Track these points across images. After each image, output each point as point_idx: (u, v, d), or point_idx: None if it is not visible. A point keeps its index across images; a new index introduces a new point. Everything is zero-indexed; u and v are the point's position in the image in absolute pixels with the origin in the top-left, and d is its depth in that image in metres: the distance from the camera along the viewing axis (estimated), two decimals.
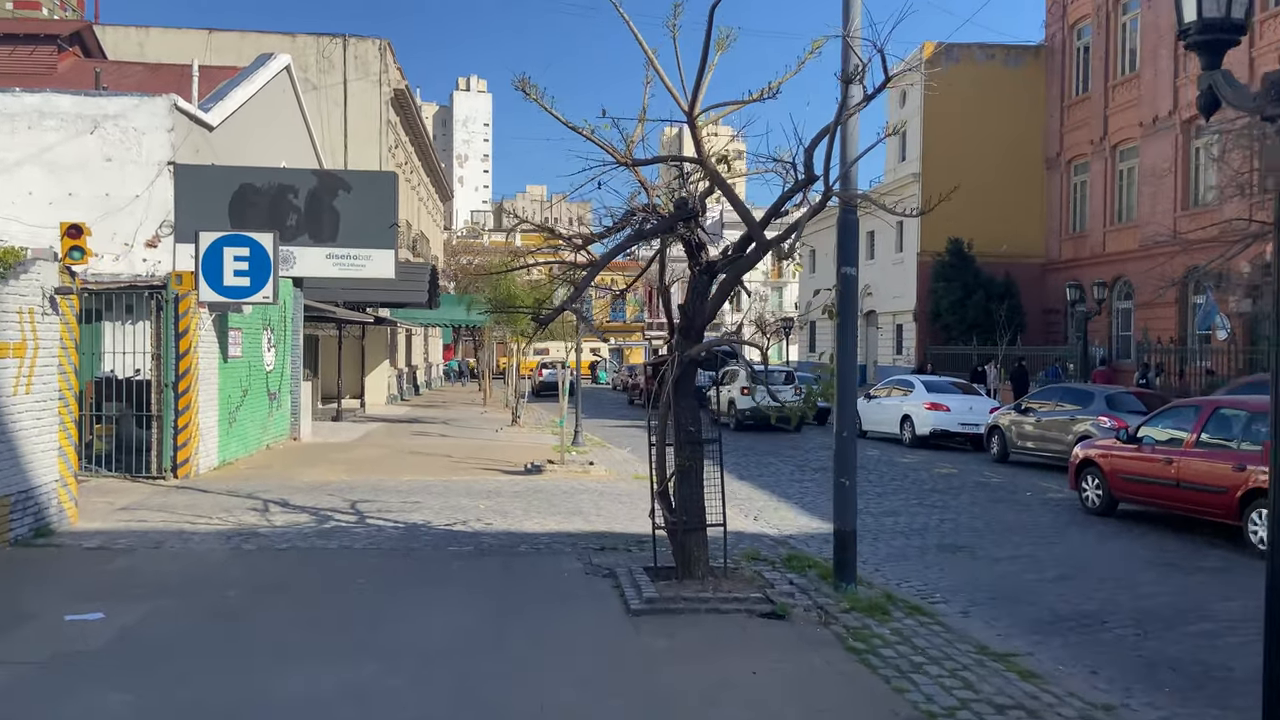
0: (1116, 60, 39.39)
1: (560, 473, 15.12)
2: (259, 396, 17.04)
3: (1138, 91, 37.30)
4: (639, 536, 9.81)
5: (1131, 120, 37.56)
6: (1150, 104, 36.41)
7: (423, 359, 46.21)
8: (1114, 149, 39.16)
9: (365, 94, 32.87)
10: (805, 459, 19.24)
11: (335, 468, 15.20)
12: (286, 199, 19.07)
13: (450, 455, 17.52)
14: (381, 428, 23.52)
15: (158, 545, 8.86)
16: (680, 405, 7.55)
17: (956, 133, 42.95)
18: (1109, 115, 39.27)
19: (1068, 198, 42.84)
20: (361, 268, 19.17)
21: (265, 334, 17.48)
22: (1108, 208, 39.50)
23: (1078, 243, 41.71)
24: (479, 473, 15.11)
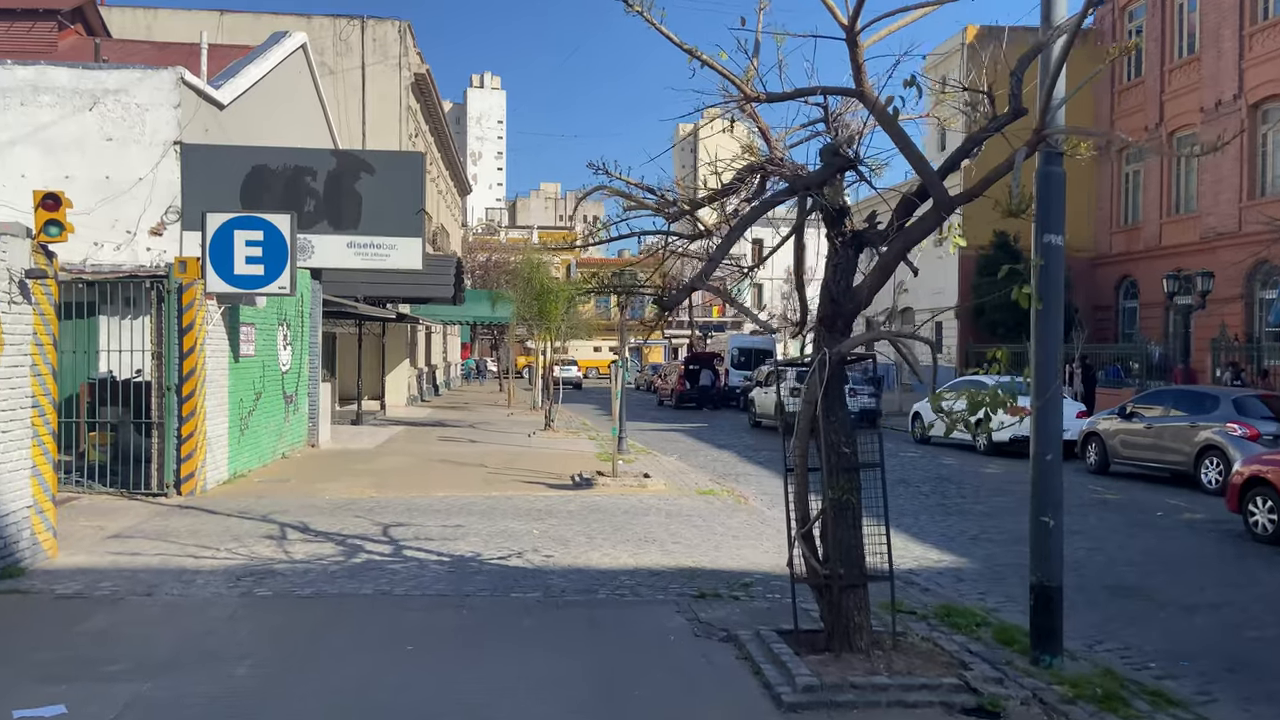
0: (1173, 43, 37.33)
1: (614, 487, 13.35)
2: (274, 400, 15.32)
3: (1198, 75, 35.25)
4: (737, 576, 8.01)
5: (1190, 105, 35.51)
6: (1212, 87, 34.35)
7: (442, 358, 44.55)
8: (1170, 136, 37.13)
9: (384, 78, 31.18)
10: None
11: (360, 481, 13.46)
12: (304, 182, 17.39)
13: (484, 465, 15.76)
14: (404, 432, 21.80)
15: (150, 591, 7.11)
16: (831, 420, 5.77)
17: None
18: (1165, 101, 37.21)
19: (1119, 188, 40.80)
20: (385, 258, 17.47)
21: (280, 330, 15.76)
22: (1164, 198, 37.48)
23: (1130, 236, 39.68)
24: (522, 487, 13.34)
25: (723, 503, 12.50)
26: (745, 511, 11.90)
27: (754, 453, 19.77)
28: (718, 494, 13.23)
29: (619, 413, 13.99)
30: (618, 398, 14.06)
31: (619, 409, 14.01)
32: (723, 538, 9.93)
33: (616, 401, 14.02)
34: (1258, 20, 32.15)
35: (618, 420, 14.01)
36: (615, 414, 13.90)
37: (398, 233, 17.45)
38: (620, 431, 18.09)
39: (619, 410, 14.00)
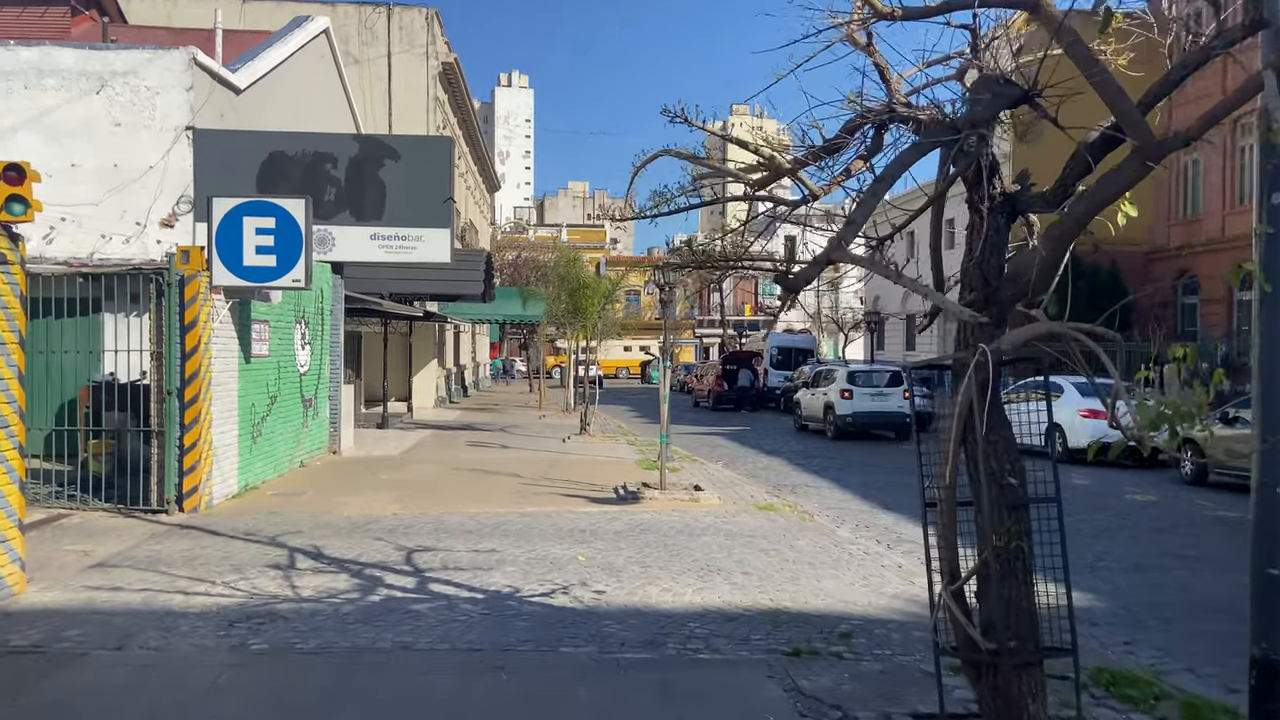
0: None
1: (662, 501, 12.01)
2: (291, 404, 14.13)
3: None
4: (830, 621, 6.65)
5: None
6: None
7: (470, 358, 43.43)
8: (1235, 123, 35.21)
9: (411, 68, 30.04)
10: None
11: (383, 495, 12.21)
12: (323, 169, 16.20)
13: (518, 474, 14.48)
14: (432, 437, 20.59)
15: (122, 643, 5.86)
16: (992, 441, 4.40)
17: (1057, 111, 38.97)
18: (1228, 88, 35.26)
19: (1178, 178, 38.90)
20: (412, 250, 16.24)
21: (298, 329, 14.57)
22: (1227, 188, 35.58)
23: (1190, 228, 37.77)
24: (561, 500, 12.04)
25: (786, 520, 11.13)
26: (813, 531, 10.52)
27: (806, 460, 18.36)
28: (778, 509, 11.86)
29: (665, 418, 12.66)
30: (665, 401, 12.72)
31: (665, 414, 12.68)
32: (797, 566, 8.56)
33: (664, 406, 12.69)
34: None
35: (664, 426, 12.68)
36: (662, 419, 12.58)
37: (424, 223, 16.25)
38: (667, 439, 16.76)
39: (665, 415, 12.67)
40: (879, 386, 22.17)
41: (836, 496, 13.77)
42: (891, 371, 23.10)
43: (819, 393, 23.36)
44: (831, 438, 22.33)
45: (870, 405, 21.96)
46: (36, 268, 11.56)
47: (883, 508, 12.74)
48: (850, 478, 15.70)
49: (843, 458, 18.79)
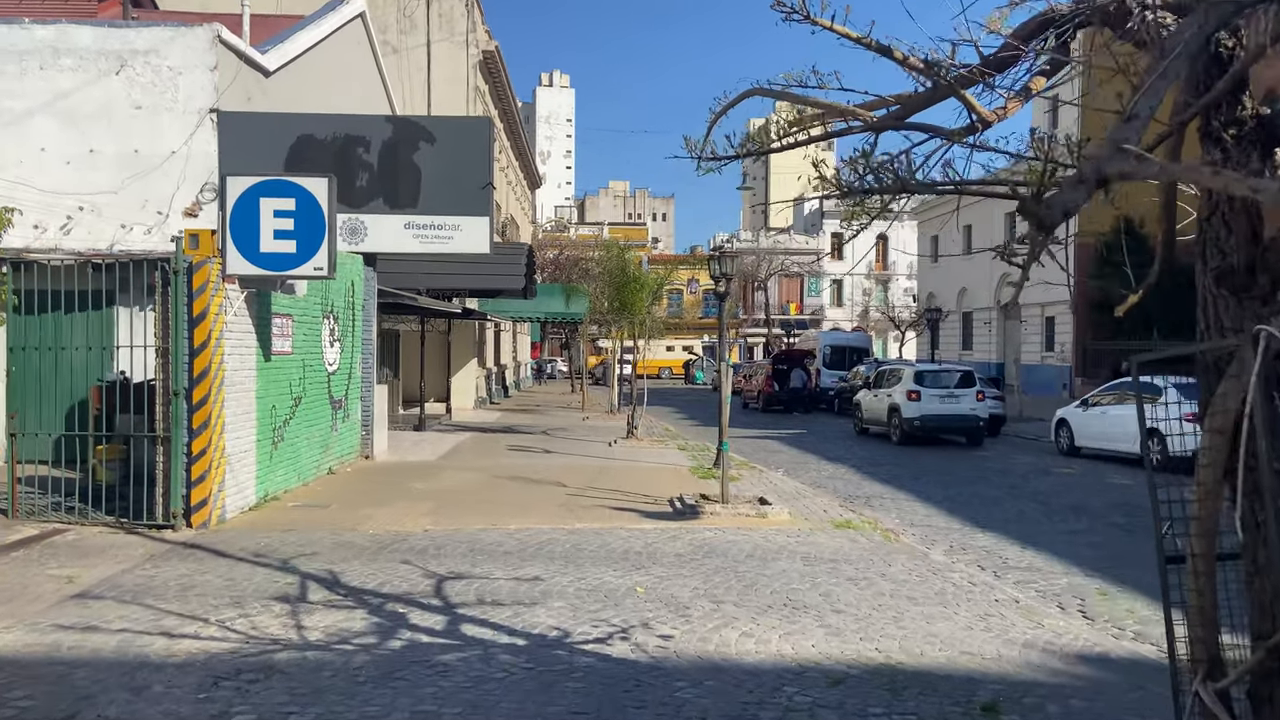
0: None
1: (725, 516, 10.68)
2: (318, 406, 13.00)
3: None
4: (961, 683, 5.27)
5: None
6: None
7: (511, 357, 42.39)
8: None
9: (450, 57, 28.99)
10: (1024, 486, 14.38)
11: (415, 506, 11.01)
12: (354, 153, 15.11)
13: (563, 482, 13.23)
14: (471, 440, 19.43)
15: (76, 710, 4.66)
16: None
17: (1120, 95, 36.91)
18: None
19: None
20: (449, 240, 15.09)
21: (326, 324, 13.45)
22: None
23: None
24: (611, 515, 10.75)
25: (869, 540, 9.74)
26: (903, 554, 9.12)
27: (874, 467, 16.89)
28: (857, 527, 10.47)
29: (725, 424, 11.30)
30: (726, 404, 11.36)
31: (726, 419, 11.32)
32: (897, 600, 7.19)
33: (724, 410, 11.33)
34: None
35: (724, 433, 11.31)
36: (722, 425, 11.23)
37: (462, 211, 15.09)
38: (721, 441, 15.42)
39: (726, 421, 11.31)
40: (949, 388, 20.62)
41: (918, 511, 12.33)
42: (962, 372, 21.52)
43: (882, 394, 21.85)
44: (897, 442, 20.82)
45: (939, 408, 20.41)
46: (35, 257, 10.53)
47: (974, 525, 11.28)
48: (928, 489, 14.24)
49: (914, 465, 17.30)
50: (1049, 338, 41.16)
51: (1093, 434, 17.88)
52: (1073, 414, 18.58)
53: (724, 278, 15.02)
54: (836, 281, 79.78)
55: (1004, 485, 14.72)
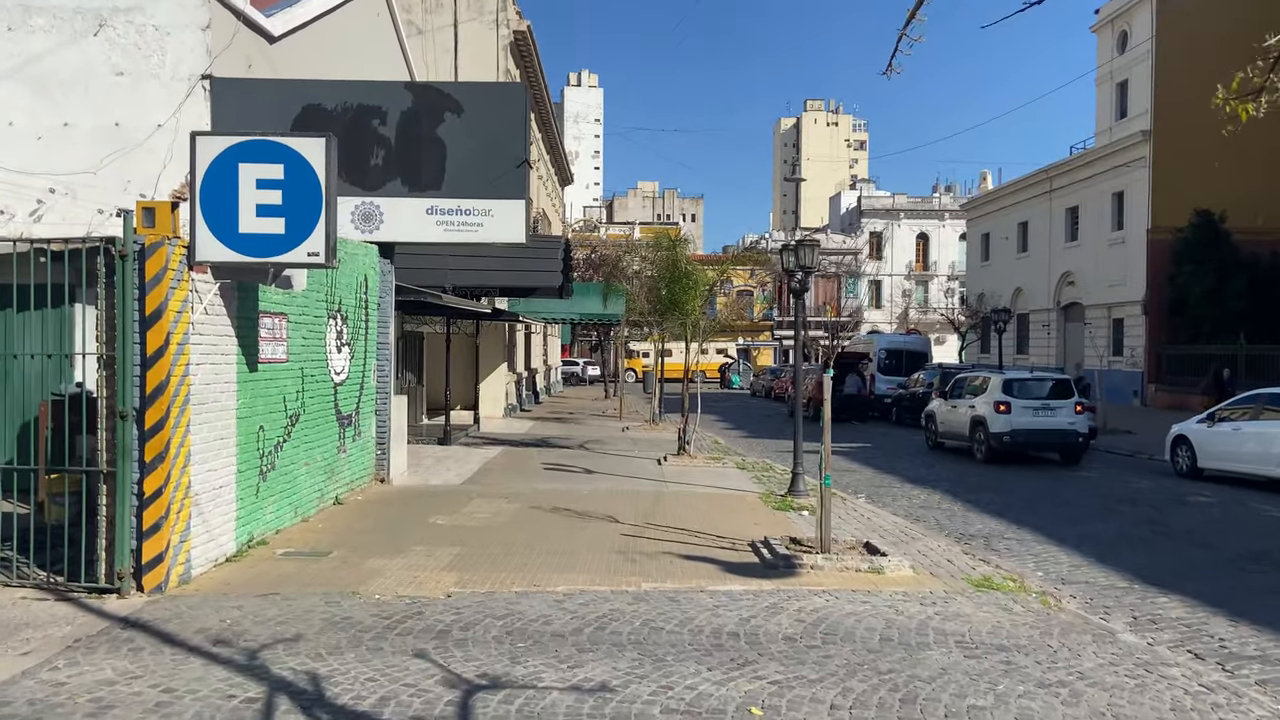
0: None
1: (829, 571, 8.36)
2: (320, 424, 10.81)
3: None
4: None
5: None
6: None
7: (542, 361, 40.23)
8: None
9: (479, 38, 26.86)
10: (1166, 520, 11.89)
11: (435, 555, 8.76)
12: (369, 126, 13.00)
13: (615, 515, 10.97)
14: (501, 456, 17.21)
15: None
16: None
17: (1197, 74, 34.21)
18: None
19: None
20: (478, 228, 12.96)
21: (332, 326, 11.26)
22: None
23: None
24: (683, 567, 8.46)
25: (1026, 609, 7.40)
26: (1083, 633, 6.78)
27: (969, 493, 14.47)
28: (1002, 587, 8.12)
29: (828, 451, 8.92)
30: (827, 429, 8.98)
31: (828, 447, 8.94)
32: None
33: (826, 435, 8.96)
34: None
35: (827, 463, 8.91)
36: (825, 454, 8.87)
37: (494, 194, 12.93)
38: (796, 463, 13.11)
39: (828, 448, 8.93)
40: (1043, 398, 18.13)
41: (1058, 558, 9.93)
42: (1056, 380, 19.00)
43: (962, 405, 19.38)
44: (982, 460, 18.35)
45: (1033, 421, 17.93)
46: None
47: (1141, 579, 8.86)
48: (1052, 524, 11.82)
49: (1017, 490, 14.86)
50: (1116, 341, 38.35)
51: (1223, 454, 15.34)
52: (1195, 430, 16.05)
53: (802, 270, 12.70)
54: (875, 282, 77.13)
55: (1140, 519, 12.25)
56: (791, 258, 12.90)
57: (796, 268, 12.85)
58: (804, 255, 12.57)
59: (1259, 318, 31.41)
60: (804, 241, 12.66)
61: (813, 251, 12.61)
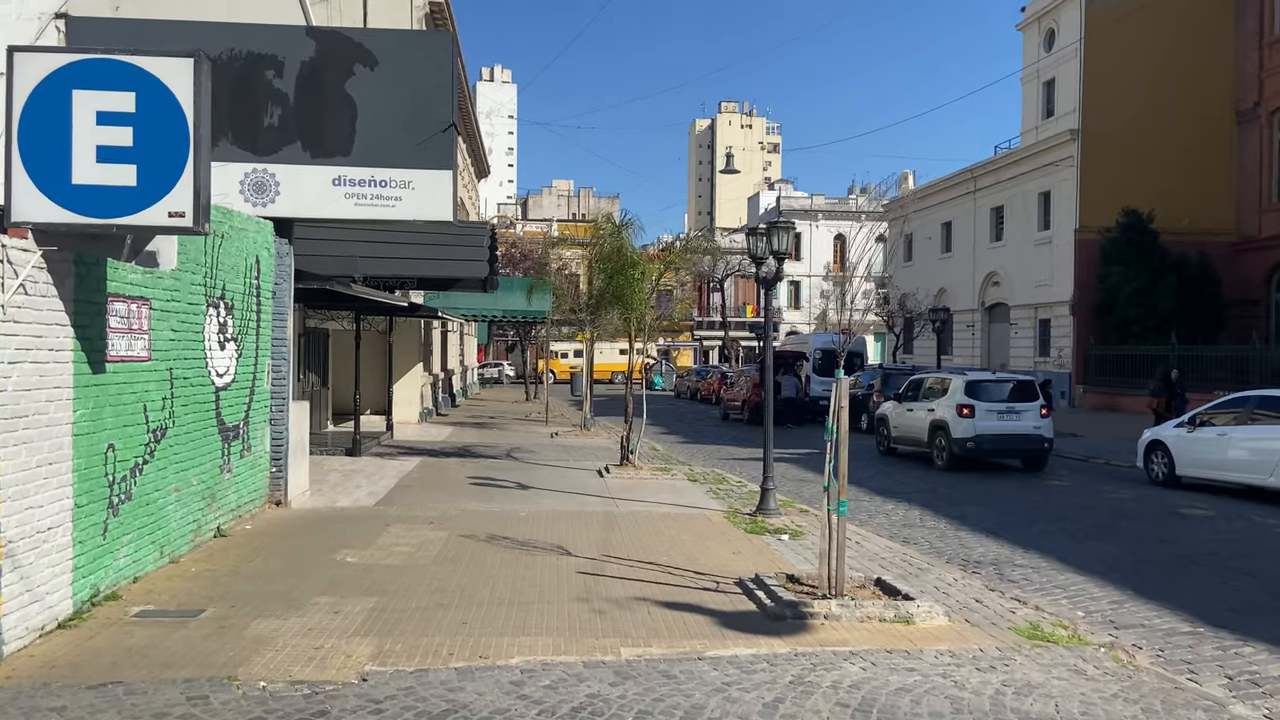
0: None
1: (848, 621, 6.71)
2: (197, 439, 8.68)
3: None
4: None
5: None
6: None
7: (459, 362, 37.94)
8: None
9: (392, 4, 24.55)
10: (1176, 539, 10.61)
11: (345, 611, 6.79)
12: (261, 79, 10.93)
13: (566, 546, 9.13)
14: (421, 468, 15.17)
15: None
16: None
17: (1123, 78, 34.08)
18: None
19: (1269, 157, 33.93)
20: (395, 203, 11.03)
21: (213, 315, 9.13)
22: None
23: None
24: (663, 619, 6.69)
25: (1101, 671, 5.90)
26: (1195, 710, 5.26)
27: (952, 507, 13.05)
28: (1055, 638, 6.60)
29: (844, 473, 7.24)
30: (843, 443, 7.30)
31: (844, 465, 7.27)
32: None
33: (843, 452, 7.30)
34: None
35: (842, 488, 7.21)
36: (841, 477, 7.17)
37: (414, 162, 11.01)
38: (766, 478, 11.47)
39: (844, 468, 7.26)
40: (1007, 401, 16.93)
41: (1087, 589, 8.47)
42: (1018, 381, 17.85)
43: (920, 408, 18.08)
44: (943, 467, 17.06)
45: (998, 426, 16.71)
46: None
47: (1201, 619, 7.44)
48: (1062, 545, 10.43)
49: (994, 502, 13.52)
50: (1043, 342, 38.04)
51: (1206, 461, 14.30)
52: (1173, 435, 15.00)
53: (775, 257, 11.06)
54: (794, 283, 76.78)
55: (1147, 537, 10.96)
56: (762, 243, 11.24)
57: (768, 254, 11.20)
58: (777, 239, 10.92)
59: (1188, 318, 31.25)
60: (778, 224, 11.01)
61: (787, 235, 10.97)
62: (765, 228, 11.25)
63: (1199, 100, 34.43)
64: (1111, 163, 34.12)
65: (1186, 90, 34.30)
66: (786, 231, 10.95)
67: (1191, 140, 34.38)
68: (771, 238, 10.97)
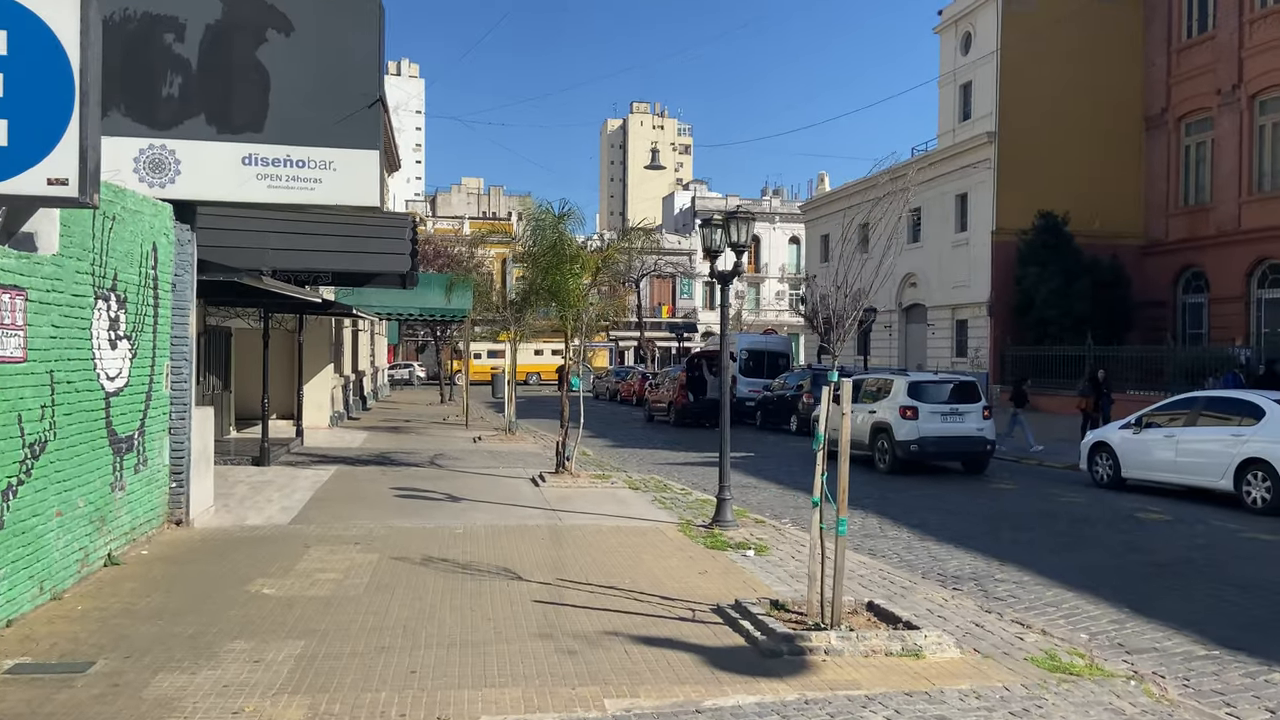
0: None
1: (851, 657, 5.98)
2: (83, 453, 7.44)
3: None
4: None
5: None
6: None
7: (369, 363, 36.30)
8: (1252, 99, 31.28)
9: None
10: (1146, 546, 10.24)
11: (267, 658, 5.72)
12: (160, 43, 9.69)
13: (513, 570, 8.18)
14: (338, 479, 13.95)
15: None
16: None
17: (1039, 82, 34.60)
18: (1245, 58, 31.35)
19: (1176, 163, 34.91)
20: (315, 185, 9.94)
21: (102, 309, 7.87)
22: (1243, 173, 31.64)
23: (1194, 218, 33.76)
24: (644, 658, 5.83)
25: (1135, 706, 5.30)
26: None
27: (907, 514, 12.49)
28: (1078, 670, 5.99)
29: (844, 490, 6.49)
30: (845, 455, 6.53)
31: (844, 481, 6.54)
32: None
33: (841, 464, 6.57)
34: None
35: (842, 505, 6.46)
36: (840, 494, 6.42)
37: (336, 141, 9.94)
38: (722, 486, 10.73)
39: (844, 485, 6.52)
40: (951, 402, 16.57)
41: (1082, 607, 7.91)
42: (959, 382, 17.54)
43: (861, 410, 17.59)
44: (886, 470, 16.61)
45: (941, 428, 16.33)
46: None
47: (1212, 639, 6.92)
48: (1028, 553, 9.95)
49: (950, 508, 13.04)
50: (960, 343, 38.42)
51: (1153, 463, 14.12)
52: (1118, 437, 14.82)
53: (734, 250, 10.29)
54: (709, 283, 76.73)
55: (1119, 546, 10.55)
56: (718, 235, 10.46)
57: (724, 247, 10.44)
58: (736, 231, 10.15)
59: (1101, 319, 31.84)
60: (737, 214, 10.25)
61: (748, 227, 10.22)
62: (723, 219, 10.48)
63: (1110, 105, 35.18)
64: (1027, 165, 34.59)
65: (1099, 95, 35.01)
66: (746, 223, 10.19)
67: (1103, 145, 35.11)
68: (730, 229, 10.19)
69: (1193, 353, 29.26)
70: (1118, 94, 35.14)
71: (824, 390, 6.93)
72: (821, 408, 6.92)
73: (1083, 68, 34.49)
